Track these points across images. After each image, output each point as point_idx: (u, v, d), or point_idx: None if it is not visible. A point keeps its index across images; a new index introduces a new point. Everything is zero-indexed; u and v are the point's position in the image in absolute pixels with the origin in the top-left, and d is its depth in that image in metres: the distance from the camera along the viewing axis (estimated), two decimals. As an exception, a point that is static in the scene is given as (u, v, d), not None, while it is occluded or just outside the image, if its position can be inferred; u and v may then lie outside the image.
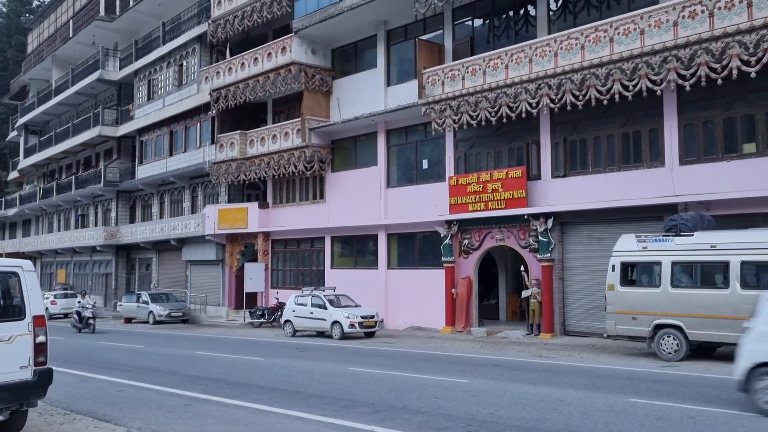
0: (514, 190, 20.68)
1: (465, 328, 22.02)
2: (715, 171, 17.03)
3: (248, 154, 29.71)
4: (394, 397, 10.57)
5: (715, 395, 10.48)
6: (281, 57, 27.40)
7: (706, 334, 14.38)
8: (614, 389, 11.15)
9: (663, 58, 16.68)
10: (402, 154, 25.44)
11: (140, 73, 38.09)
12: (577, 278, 19.89)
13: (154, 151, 37.30)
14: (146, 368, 14.86)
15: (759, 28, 15.09)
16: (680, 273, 14.97)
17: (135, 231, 38.38)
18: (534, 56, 19.37)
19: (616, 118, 18.99)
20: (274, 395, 10.98)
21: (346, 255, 27.70)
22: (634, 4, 18.65)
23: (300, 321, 23.07)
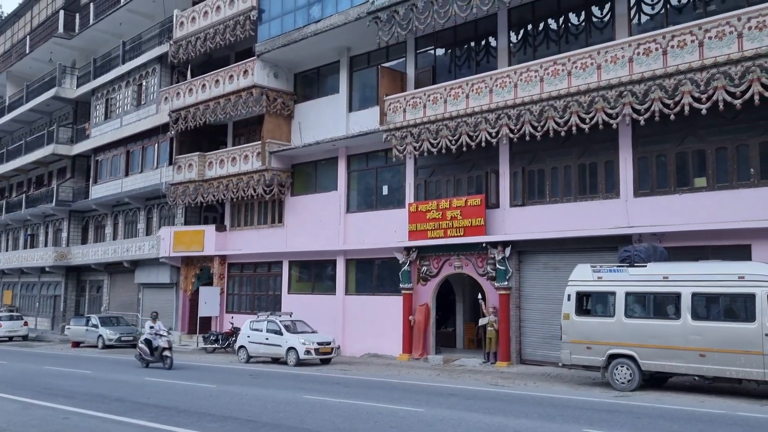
0: (473, 218, 20.83)
1: (422, 356, 21.96)
2: (668, 204, 17.42)
3: (207, 176, 29.42)
4: (349, 426, 10.44)
5: (666, 426, 10.59)
6: (243, 80, 27.31)
7: (659, 364, 14.59)
8: (568, 419, 11.19)
9: (619, 92, 17.08)
10: (362, 179, 25.47)
11: (98, 91, 37.55)
12: (533, 307, 20.05)
13: (109, 171, 36.68)
14: (93, 395, 14.43)
15: (709, 67, 15.59)
16: (634, 303, 15.19)
17: (87, 252, 37.53)
18: (494, 87, 19.67)
19: (574, 149, 19.34)
20: (225, 424, 10.75)
21: (303, 280, 27.49)
22: (591, 40, 19.10)
23: (255, 347, 22.74)
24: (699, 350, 13.94)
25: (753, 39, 15.06)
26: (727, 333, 13.68)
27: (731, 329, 13.68)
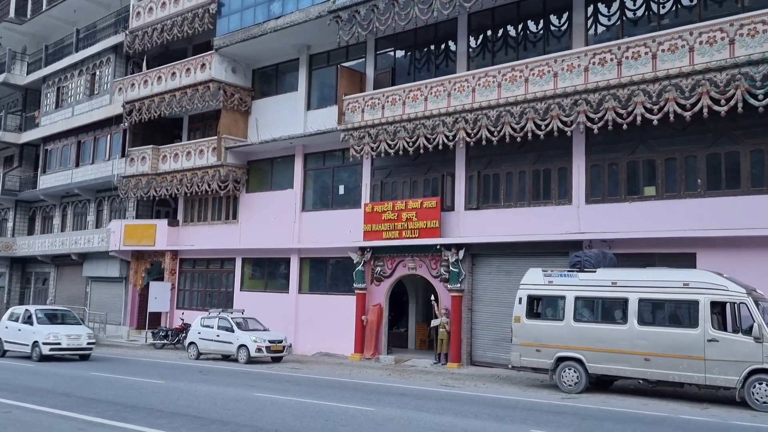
0: (428, 220, 20.97)
1: (374, 356, 22.02)
2: (618, 211, 17.83)
3: (160, 170, 28.97)
4: (299, 424, 10.43)
5: (611, 427, 10.84)
6: (200, 73, 26.98)
7: (605, 367, 14.92)
8: (516, 420, 11.37)
9: (574, 100, 17.42)
10: (319, 178, 25.42)
11: (49, 79, 36.63)
12: (485, 309, 20.29)
13: (59, 161, 35.80)
14: (37, 389, 14.11)
15: (661, 78, 16.01)
16: (583, 308, 15.51)
17: (33, 243, 36.55)
18: (452, 90, 19.85)
19: (529, 155, 19.63)
20: (174, 420, 10.62)
21: (256, 277, 27.30)
22: (549, 48, 19.43)
23: (205, 343, 22.50)
24: (644, 354, 14.31)
25: (704, 53, 15.52)
26: (671, 338, 14.08)
27: (675, 335, 14.07)
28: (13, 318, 22.53)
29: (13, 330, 22.02)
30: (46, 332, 20.73)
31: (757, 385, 13.06)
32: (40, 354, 20.54)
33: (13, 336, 21.87)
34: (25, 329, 21.45)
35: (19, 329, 21.70)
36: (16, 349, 21.77)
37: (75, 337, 21.09)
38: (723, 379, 13.47)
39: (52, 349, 20.57)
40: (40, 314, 22.02)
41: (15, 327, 21.97)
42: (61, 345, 20.72)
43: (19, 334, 21.60)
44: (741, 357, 13.27)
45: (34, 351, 20.80)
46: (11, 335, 22.01)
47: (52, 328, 21.19)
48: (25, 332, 21.43)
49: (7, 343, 22.12)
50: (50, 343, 20.60)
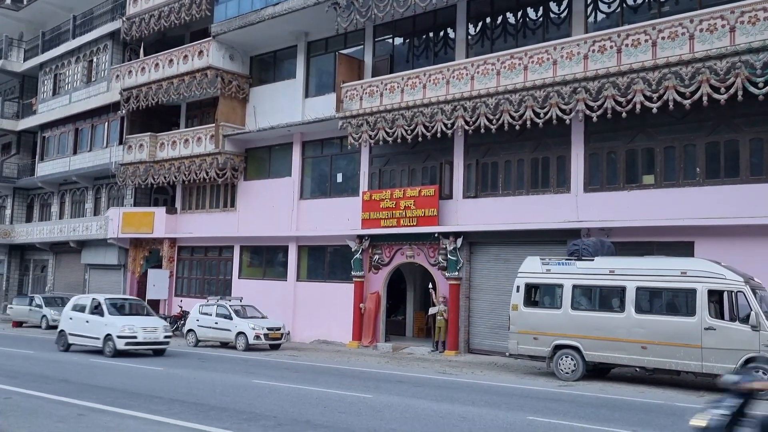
0: (426, 209, 20.96)
1: (371, 343, 22.08)
2: (617, 200, 17.82)
3: (158, 158, 28.91)
4: (298, 411, 10.46)
5: (607, 415, 10.88)
6: (198, 60, 26.87)
7: (602, 355, 14.97)
8: (513, 407, 11.41)
9: (573, 88, 17.37)
10: (317, 166, 25.38)
11: (46, 66, 36.47)
12: (482, 297, 20.32)
13: (57, 149, 35.71)
14: (37, 375, 14.12)
15: (661, 66, 15.97)
16: (580, 296, 15.54)
17: (31, 231, 36.53)
18: (451, 78, 19.78)
19: (527, 143, 19.60)
20: (173, 407, 10.64)
21: (254, 265, 27.31)
22: (548, 35, 19.36)
23: (204, 331, 22.53)
24: (641, 342, 14.35)
25: (704, 41, 15.47)
26: (668, 326, 14.12)
27: (672, 323, 14.12)
28: (77, 308, 20.06)
29: (78, 322, 19.56)
30: (121, 324, 18.43)
31: (754, 373, 13.07)
32: (114, 349, 18.20)
33: (80, 328, 19.49)
34: (95, 321, 19.03)
35: (86, 321, 19.29)
36: (82, 343, 19.48)
37: (151, 330, 18.79)
38: (720, 367, 13.50)
39: (128, 343, 18.28)
40: (110, 304, 19.75)
41: (81, 318, 19.51)
42: (137, 338, 18.40)
43: (88, 327, 19.22)
44: (738, 345, 13.31)
45: (107, 345, 18.43)
46: (77, 327, 19.58)
47: (125, 319, 19.00)
48: (94, 324, 19.00)
49: (72, 336, 19.67)
50: (126, 337, 18.28)
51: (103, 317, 18.88)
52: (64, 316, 20.42)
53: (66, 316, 20.32)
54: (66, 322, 20.12)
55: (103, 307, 19.19)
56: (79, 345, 19.61)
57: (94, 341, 18.98)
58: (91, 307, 19.52)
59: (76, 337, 19.56)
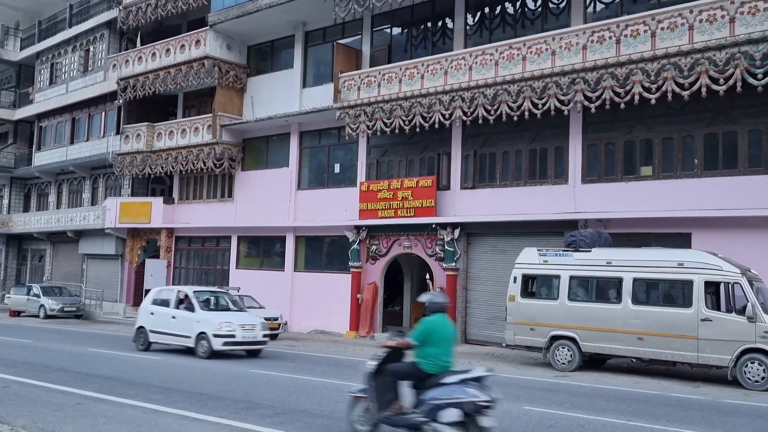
0: (424, 199, 20.95)
1: (369, 334, 22.11)
2: (614, 191, 17.83)
3: (155, 147, 28.84)
4: (295, 400, 10.48)
5: (603, 405, 10.92)
6: (195, 50, 26.77)
7: (598, 346, 15.00)
8: (510, 397, 11.42)
9: (571, 79, 17.34)
10: (314, 156, 25.34)
11: (43, 55, 36.32)
12: (479, 288, 20.34)
13: (54, 138, 35.62)
14: (34, 364, 14.13)
15: (660, 57, 15.93)
16: (577, 287, 15.56)
17: (29, 220, 36.49)
18: (449, 68, 19.73)
19: (525, 134, 19.58)
20: (170, 395, 10.66)
21: (252, 255, 27.31)
22: (547, 25, 19.30)
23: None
24: (638, 333, 14.38)
25: (703, 32, 15.42)
26: (664, 317, 14.15)
27: (669, 314, 14.15)
28: (159, 302, 17.92)
29: (162, 317, 17.34)
30: (218, 321, 16.25)
31: (750, 364, 13.16)
32: (210, 349, 15.99)
33: (164, 325, 17.25)
34: (184, 317, 16.91)
35: (172, 317, 17.13)
36: (167, 342, 17.31)
37: (250, 328, 16.56)
38: (715, 358, 13.56)
39: (226, 343, 16.09)
40: (201, 297, 17.58)
41: (166, 314, 17.33)
42: (236, 338, 16.20)
43: (175, 323, 17.05)
44: (734, 336, 13.35)
45: (200, 345, 16.24)
46: (160, 324, 17.34)
47: (221, 315, 16.81)
48: (183, 320, 16.88)
49: (154, 333, 17.37)
50: (224, 336, 16.06)
51: (195, 313, 16.66)
52: (143, 311, 18.07)
53: (145, 311, 17.97)
54: (146, 317, 17.76)
55: (193, 300, 17.03)
56: (163, 344, 17.45)
57: (182, 340, 16.79)
58: (176, 300, 17.40)
59: (159, 335, 17.24)
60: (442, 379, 7.35)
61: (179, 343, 17.00)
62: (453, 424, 7.07)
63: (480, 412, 7.10)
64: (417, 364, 7.59)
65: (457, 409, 7.07)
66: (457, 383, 7.26)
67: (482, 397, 7.13)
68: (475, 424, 7.09)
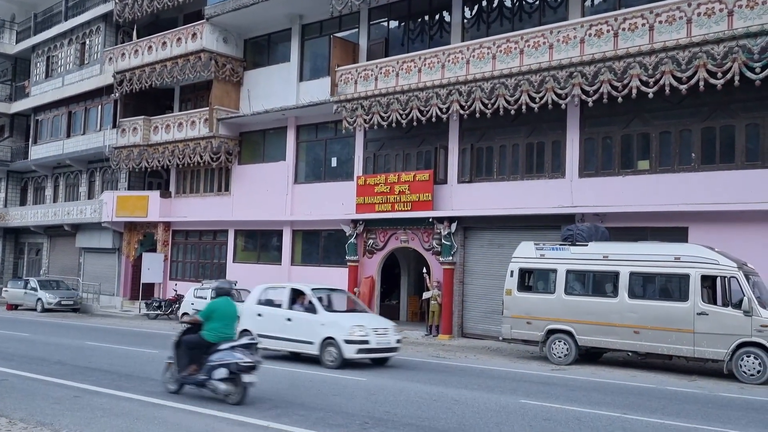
0: (421, 193, 20.94)
1: (365, 327, 22.08)
2: (612, 185, 17.83)
3: (152, 141, 28.78)
4: (292, 394, 10.48)
5: (600, 398, 10.95)
6: (191, 43, 26.69)
7: (595, 339, 15.03)
8: (506, 390, 11.47)
9: (569, 73, 17.31)
10: (311, 150, 25.31)
11: (38, 48, 36.20)
12: (476, 282, 20.36)
13: (50, 132, 35.52)
14: (32, 357, 14.12)
15: (658, 51, 15.91)
16: (574, 281, 15.58)
17: (25, 214, 36.42)
18: (447, 62, 19.69)
19: (522, 128, 19.56)
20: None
21: (249, 249, 27.29)
22: (545, 19, 19.26)
23: (198, 314, 22.45)
24: (634, 327, 14.40)
25: (701, 25, 15.40)
26: (661, 311, 14.17)
27: (665, 308, 14.16)
28: (267, 301, 15.31)
29: (274, 320, 14.72)
30: (349, 325, 13.72)
31: (745, 357, 13.19)
32: (340, 357, 13.55)
33: (277, 328, 14.58)
34: (304, 319, 14.30)
35: (287, 319, 14.54)
36: (278, 348, 14.73)
37: (383, 332, 14.08)
38: (711, 351, 13.59)
39: (361, 350, 13.61)
40: (321, 295, 15.09)
41: (278, 315, 14.72)
42: (370, 344, 13.74)
43: (291, 327, 14.45)
44: (730, 330, 13.37)
45: (327, 353, 13.74)
46: (271, 327, 14.62)
47: (350, 318, 14.29)
48: (303, 324, 14.27)
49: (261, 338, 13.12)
50: (357, 342, 13.58)
51: (318, 314, 14.13)
52: (248, 311, 15.09)
53: (250, 312, 15.13)
54: (251, 320, 14.91)
55: (313, 300, 14.43)
56: (274, 350, 14.84)
57: (301, 346, 14.36)
58: (289, 299, 14.81)
59: (270, 339, 14.44)
60: (220, 346, 9.46)
61: (297, 350, 14.56)
62: (223, 380, 9.26)
63: (244, 371, 9.22)
64: (202, 336, 9.70)
65: (225, 368, 9.24)
66: (228, 349, 9.39)
67: (246, 360, 9.22)
68: (239, 380, 9.24)
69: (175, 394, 9.91)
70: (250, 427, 8.22)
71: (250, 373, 9.23)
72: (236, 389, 9.29)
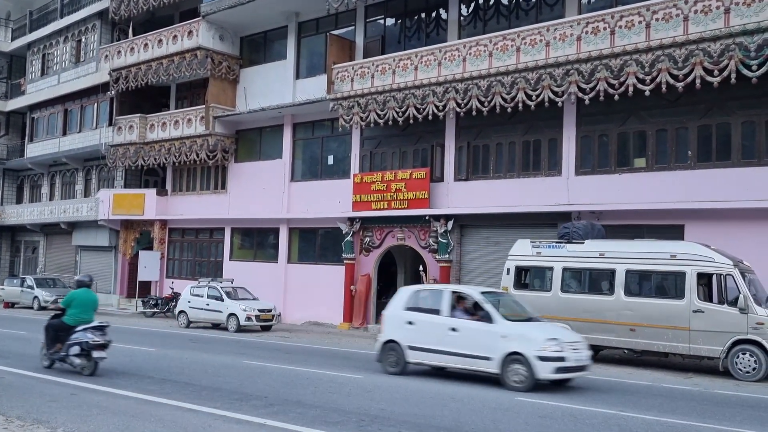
0: (417, 191, 20.94)
1: (362, 325, 22.13)
2: (608, 183, 17.84)
3: (148, 139, 28.73)
4: (288, 391, 10.49)
5: (595, 395, 10.96)
6: (187, 41, 26.63)
7: (591, 337, 14.96)
8: (502, 388, 11.46)
9: (566, 70, 17.31)
10: (308, 148, 25.29)
11: (34, 46, 36.10)
12: (473, 280, 20.34)
13: (46, 130, 35.45)
14: (28, 355, 14.06)
15: (655, 48, 15.91)
16: (570, 279, 15.60)
17: (22, 212, 36.36)
18: (443, 60, 19.68)
19: (519, 126, 19.57)
20: (164, 386, 10.66)
21: (245, 247, 27.27)
22: (541, 16, 19.26)
23: (195, 312, 22.53)
24: (630, 325, 14.44)
25: (698, 23, 15.40)
26: (657, 309, 14.20)
27: (661, 305, 14.20)
28: (420, 307, 12.95)
29: (431, 329, 12.39)
30: (541, 337, 11.39)
31: (741, 355, 13.23)
32: (531, 378, 11.15)
33: (436, 340, 12.25)
34: (475, 329, 11.90)
35: (452, 328, 12.12)
36: (438, 363, 12.57)
37: (577, 347, 11.72)
38: (707, 349, 13.63)
39: (559, 369, 11.23)
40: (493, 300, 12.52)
41: (438, 324, 12.30)
42: (566, 362, 11.30)
43: (457, 339, 12.00)
44: (726, 328, 13.41)
45: (511, 371, 11.38)
46: (428, 338, 12.38)
47: (537, 328, 11.96)
48: (475, 335, 11.87)
49: (415, 351, 12.50)
50: (552, 359, 11.16)
51: (494, 324, 11.74)
52: (395, 319, 13.02)
53: (398, 319, 12.95)
54: (399, 329, 12.80)
55: (486, 307, 11.99)
56: (430, 364, 12.74)
57: (473, 362, 11.87)
58: (449, 305, 12.42)
59: (426, 353, 12.38)
60: (77, 328, 11.48)
61: (466, 366, 12.04)
62: (77, 355, 11.42)
63: (94, 348, 11.30)
64: (63, 320, 11.82)
65: (78, 346, 11.38)
66: (82, 331, 11.42)
67: (95, 339, 11.32)
68: (90, 356, 11.35)
69: (48, 369, 11.93)
70: (246, 424, 8.22)
71: (101, 350, 11.38)
72: (88, 363, 11.40)
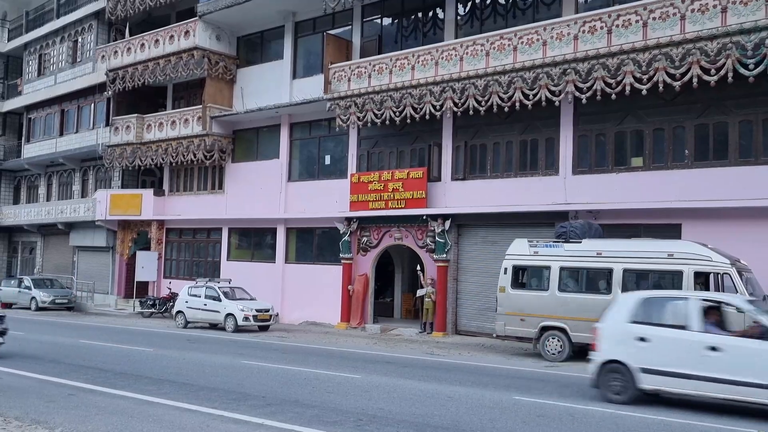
0: (415, 191, 20.94)
1: (360, 325, 22.13)
2: (605, 182, 17.85)
3: (145, 139, 28.70)
4: (286, 391, 10.49)
5: (593, 394, 10.96)
6: (184, 41, 26.60)
7: (588, 336, 14.98)
8: (500, 387, 11.49)
9: (563, 70, 17.32)
10: (305, 148, 25.28)
11: (31, 46, 36.03)
12: (470, 279, 20.37)
13: (43, 130, 35.39)
14: (27, 356, 14.09)
15: (652, 47, 15.92)
16: (567, 278, 15.61)
17: (19, 213, 36.29)
18: (440, 59, 19.69)
19: (516, 125, 19.58)
20: (162, 386, 10.65)
21: (243, 247, 27.26)
22: (538, 15, 19.26)
23: (193, 312, 22.50)
24: (628, 323, 14.39)
25: (695, 22, 15.41)
26: (654, 307, 14.16)
27: (659, 304, 14.15)
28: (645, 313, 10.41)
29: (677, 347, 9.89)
30: None
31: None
32: None
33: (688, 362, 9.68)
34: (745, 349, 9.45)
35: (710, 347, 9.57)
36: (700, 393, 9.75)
37: None
38: (705, 347, 13.58)
39: None
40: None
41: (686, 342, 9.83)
42: None
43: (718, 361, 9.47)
44: (723, 326, 13.37)
45: None
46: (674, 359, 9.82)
47: None
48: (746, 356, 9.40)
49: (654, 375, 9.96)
50: None
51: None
52: (618, 334, 10.47)
53: (625, 334, 10.36)
54: (625, 345, 10.28)
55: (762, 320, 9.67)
56: (675, 392, 10.04)
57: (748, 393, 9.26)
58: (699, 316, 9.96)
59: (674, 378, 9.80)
60: None
61: (734, 397, 9.38)
62: None
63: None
64: None
65: None
66: None
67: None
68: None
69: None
70: (244, 424, 8.22)
71: None
72: None
